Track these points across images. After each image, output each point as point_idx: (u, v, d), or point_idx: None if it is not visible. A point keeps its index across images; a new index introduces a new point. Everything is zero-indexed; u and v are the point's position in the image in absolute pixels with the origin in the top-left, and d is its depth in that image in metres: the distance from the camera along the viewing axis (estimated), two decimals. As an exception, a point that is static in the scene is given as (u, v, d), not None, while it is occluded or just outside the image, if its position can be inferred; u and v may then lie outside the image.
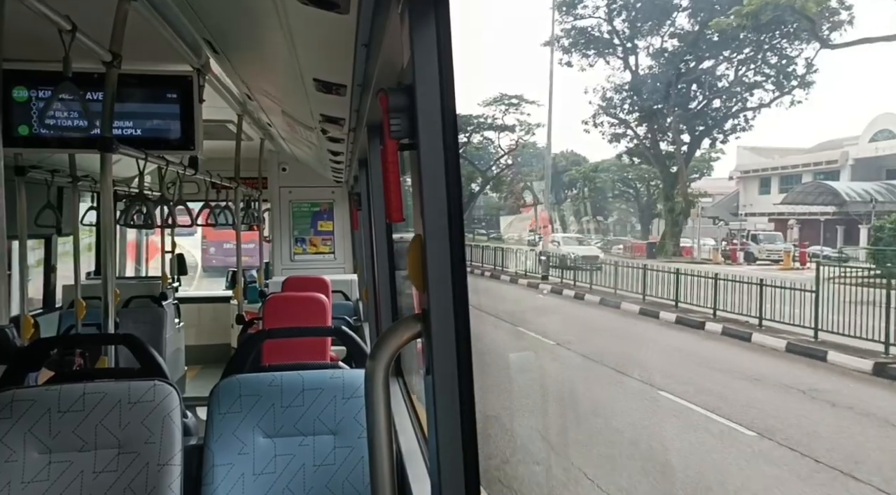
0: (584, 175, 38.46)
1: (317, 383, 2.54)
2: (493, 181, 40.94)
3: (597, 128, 35.21)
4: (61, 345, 3.99)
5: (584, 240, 33.23)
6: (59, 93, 2.70)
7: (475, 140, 40.44)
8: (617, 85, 34.46)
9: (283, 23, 1.82)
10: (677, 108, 32.51)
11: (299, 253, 7.98)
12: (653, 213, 36.79)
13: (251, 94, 3.90)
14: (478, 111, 39.30)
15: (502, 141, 40.53)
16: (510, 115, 39.46)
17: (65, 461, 2.28)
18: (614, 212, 39.67)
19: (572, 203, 39.11)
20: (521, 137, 39.85)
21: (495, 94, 39.32)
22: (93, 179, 5.90)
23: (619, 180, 38.11)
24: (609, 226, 39.10)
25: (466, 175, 38.62)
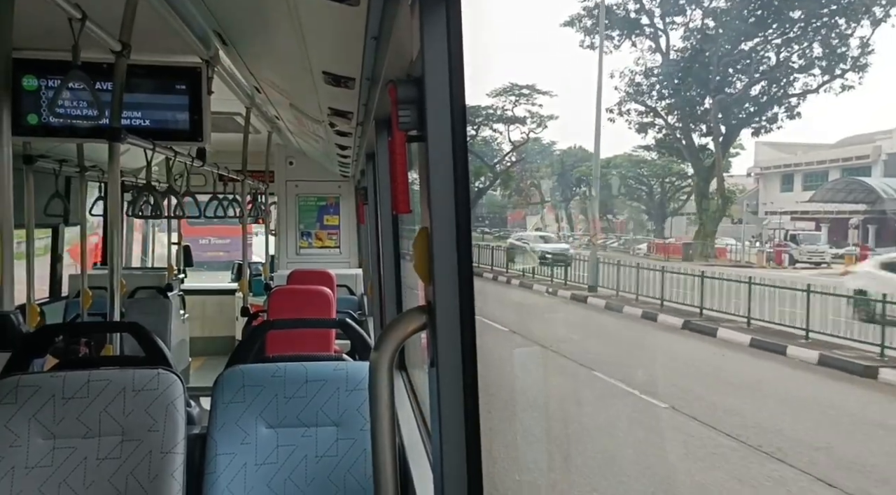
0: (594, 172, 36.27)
1: (320, 374, 2.55)
2: (502, 177, 38.64)
3: (622, 117, 31.81)
4: (67, 332, 4.01)
5: (550, 237, 31.54)
6: (68, 81, 2.71)
7: (484, 133, 38.17)
8: (646, 68, 31.40)
9: (294, 15, 1.82)
10: (713, 93, 29.21)
11: (305, 247, 8.00)
12: (666, 212, 34.71)
13: (260, 87, 3.90)
14: (487, 102, 36.78)
15: (512, 134, 37.87)
16: (521, 106, 36.80)
17: (69, 447, 2.30)
18: (625, 211, 37.81)
19: (581, 201, 37.28)
20: (531, 130, 37.30)
21: (505, 83, 36.65)
22: (100, 170, 5.92)
23: (632, 177, 35.79)
24: (615, 225, 37.14)
25: (474, 170, 36.52)
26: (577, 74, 49.39)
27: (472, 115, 35.05)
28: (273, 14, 2.06)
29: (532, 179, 38.28)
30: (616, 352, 12.71)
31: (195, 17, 2.83)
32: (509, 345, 12.40)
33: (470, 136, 35.70)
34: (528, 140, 37.38)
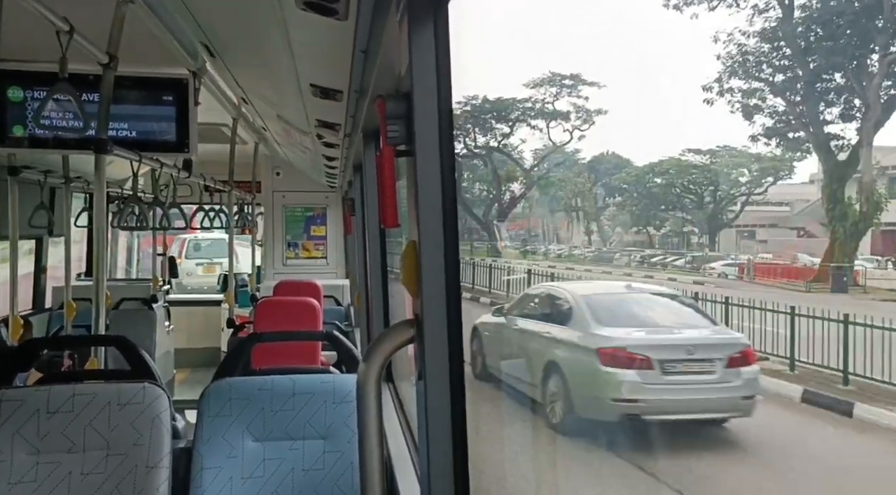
0: (637, 178, 30.77)
1: (308, 387, 2.54)
2: (540, 182, 33.55)
3: (723, 97, 22.43)
4: (51, 345, 3.97)
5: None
6: (54, 93, 2.70)
7: (521, 132, 33.01)
8: (758, 30, 20.97)
9: (282, 28, 1.83)
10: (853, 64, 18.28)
11: (292, 257, 7.97)
12: (719, 223, 28.79)
13: (247, 98, 3.91)
14: (524, 94, 31.77)
15: (553, 131, 32.52)
16: (563, 98, 31.46)
17: (53, 462, 2.27)
18: (666, 223, 31.32)
19: (618, 211, 32.22)
20: (576, 128, 32.21)
21: (544, 73, 31.21)
22: (85, 181, 5.89)
23: (678, 185, 30.06)
24: (652, 239, 31.08)
25: (505, 174, 33.11)
26: (636, 58, 39.55)
27: (503, 109, 32.05)
28: (261, 26, 2.06)
29: (573, 187, 33.44)
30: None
31: (183, 29, 2.83)
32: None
33: (502, 134, 32.73)
34: (570, 138, 32.84)
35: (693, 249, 27.59)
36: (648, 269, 23.13)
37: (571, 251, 29.39)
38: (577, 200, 32.55)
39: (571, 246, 30.65)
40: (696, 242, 28.93)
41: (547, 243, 32.40)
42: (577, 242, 31.55)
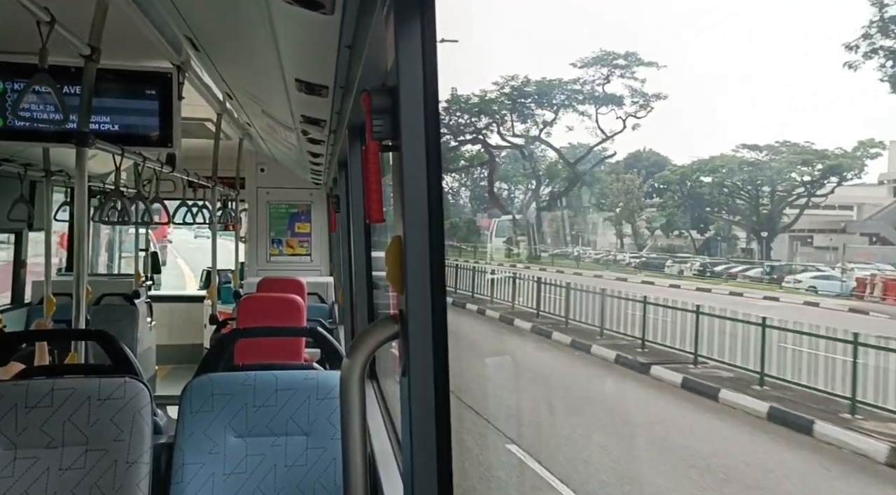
0: (683, 176, 27.04)
1: (291, 383, 2.53)
2: (587, 178, 29.10)
3: (871, 60, 17.97)
4: (30, 338, 3.93)
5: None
6: (33, 84, 2.66)
7: (567, 118, 28.92)
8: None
9: (267, 22, 1.82)
10: None
11: (276, 254, 7.93)
12: (776, 227, 25.22)
13: (231, 93, 3.88)
14: (572, 74, 27.57)
15: (603, 119, 28.38)
16: (617, 80, 27.60)
17: (30, 457, 2.25)
18: (711, 226, 27.90)
19: (659, 213, 28.49)
20: (630, 115, 27.93)
21: (595, 51, 27.32)
22: (67, 174, 5.82)
23: (729, 184, 26.53)
24: (688, 244, 27.58)
25: (546, 168, 29.20)
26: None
27: (547, 92, 28.11)
28: (246, 20, 2.05)
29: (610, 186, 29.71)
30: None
31: (167, 22, 2.80)
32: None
33: (544, 122, 28.68)
34: (624, 128, 28.43)
35: (737, 255, 25.07)
36: (714, 281, 20.29)
37: (609, 256, 26.33)
38: (623, 200, 28.59)
39: (610, 251, 27.51)
40: (744, 247, 26.09)
41: (577, 246, 29.09)
42: (604, 246, 28.72)
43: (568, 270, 24.31)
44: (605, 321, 14.84)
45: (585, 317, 15.58)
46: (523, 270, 23.02)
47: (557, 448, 8.80)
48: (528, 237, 28.80)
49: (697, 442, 9.18)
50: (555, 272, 23.38)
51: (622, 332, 14.43)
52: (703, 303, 13.36)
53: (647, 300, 14.06)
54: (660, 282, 21.69)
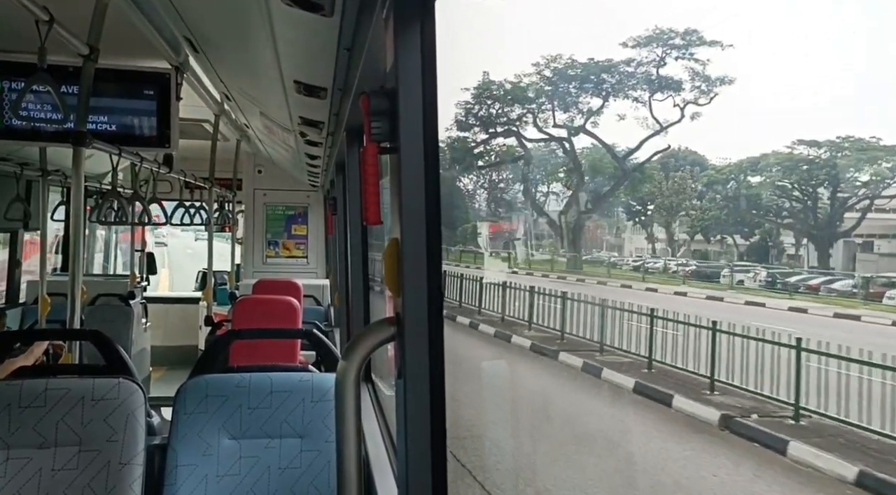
0: (730, 174, 24.12)
1: (286, 385, 2.52)
2: (636, 174, 25.08)
3: None
4: (24, 338, 3.91)
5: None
6: (32, 84, 2.66)
7: (616, 106, 24.36)
8: None
9: (266, 24, 1.82)
10: None
11: (272, 256, 7.93)
12: (836, 232, 21.68)
13: (230, 94, 3.88)
14: (622, 55, 23.51)
15: (658, 107, 23.95)
16: (675, 62, 23.20)
17: (23, 458, 2.24)
18: (755, 231, 24.15)
19: (701, 215, 24.64)
20: (689, 102, 23.49)
21: (650, 28, 22.95)
22: (63, 174, 5.81)
23: (780, 186, 23.18)
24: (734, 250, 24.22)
25: (589, 165, 25.16)
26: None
27: (593, 75, 23.96)
28: (245, 22, 2.05)
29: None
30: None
31: (165, 22, 2.81)
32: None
33: (591, 110, 24.34)
34: (681, 117, 24.32)
35: (785, 262, 21.26)
36: (789, 295, 15.89)
37: (648, 263, 22.58)
38: (675, 201, 25.17)
39: (649, 257, 23.98)
40: (791, 254, 22.68)
41: (617, 252, 25.83)
42: (639, 251, 25.67)
43: (611, 281, 20.02)
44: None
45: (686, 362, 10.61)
46: (562, 283, 18.53)
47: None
48: (565, 241, 25.55)
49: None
50: (595, 284, 19.38)
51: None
52: (828, 338, 9.09)
53: (765, 335, 9.62)
54: (730, 298, 16.78)
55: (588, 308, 13.11)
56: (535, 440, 9.12)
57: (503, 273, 20.67)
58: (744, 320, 10.95)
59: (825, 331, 10.17)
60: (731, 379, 9.74)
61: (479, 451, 8.00)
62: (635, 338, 11.64)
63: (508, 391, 11.25)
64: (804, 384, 8.52)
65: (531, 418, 10.01)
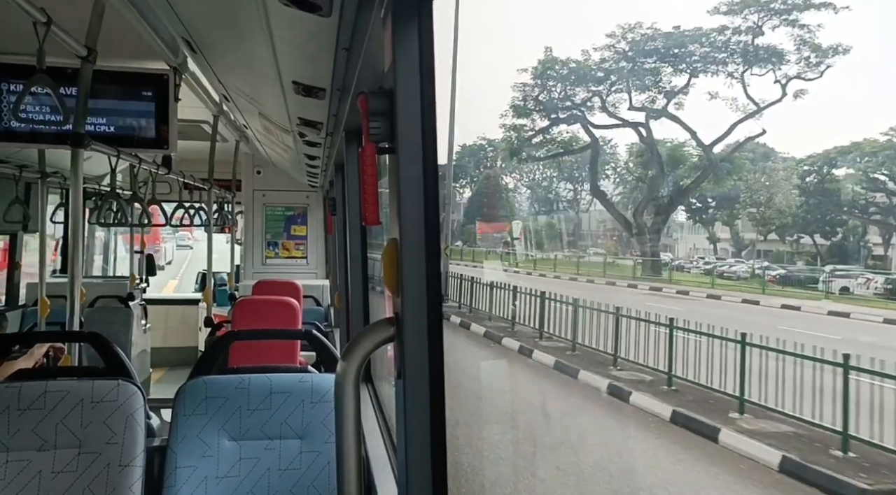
0: (814, 166, 19.95)
1: (285, 386, 2.52)
2: (725, 164, 21.08)
3: None
4: (23, 340, 3.91)
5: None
6: (31, 85, 2.65)
7: (702, 82, 20.35)
8: None
9: (264, 24, 1.82)
10: None
11: (271, 257, 7.93)
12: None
13: (228, 95, 3.87)
14: (711, 23, 19.57)
15: (757, 83, 19.88)
16: (775, 31, 19.02)
17: (23, 460, 2.23)
18: (839, 229, 20.29)
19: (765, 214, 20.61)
20: (799, 75, 19.10)
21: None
22: (62, 176, 5.81)
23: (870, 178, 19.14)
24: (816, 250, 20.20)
25: (667, 153, 21.36)
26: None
27: (678, 47, 20.08)
28: (243, 22, 2.05)
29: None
30: None
31: (163, 23, 2.80)
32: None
33: (673, 89, 20.73)
34: (783, 94, 19.94)
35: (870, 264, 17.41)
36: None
37: (723, 266, 18.58)
38: (765, 196, 21.12)
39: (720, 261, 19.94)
40: (876, 255, 18.93)
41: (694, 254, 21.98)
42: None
43: (696, 291, 15.86)
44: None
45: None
46: (639, 293, 15.15)
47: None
48: (635, 242, 21.94)
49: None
50: (678, 295, 15.29)
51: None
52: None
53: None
54: (860, 314, 12.87)
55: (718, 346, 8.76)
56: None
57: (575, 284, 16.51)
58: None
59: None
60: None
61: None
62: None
63: None
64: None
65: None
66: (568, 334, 11.27)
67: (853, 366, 7.13)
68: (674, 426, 8.12)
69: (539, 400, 9.55)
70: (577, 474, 7.12)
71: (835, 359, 7.35)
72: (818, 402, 7.35)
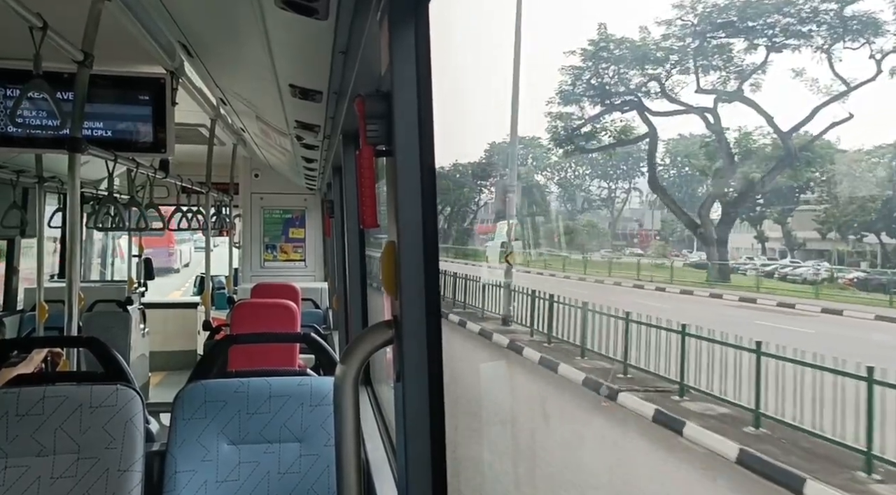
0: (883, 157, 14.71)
1: (284, 390, 2.52)
2: (807, 154, 15.67)
3: None
4: (21, 346, 3.90)
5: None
6: (28, 91, 2.65)
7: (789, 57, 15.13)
8: None
9: (261, 27, 1.82)
10: None
11: (269, 260, 7.92)
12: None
13: (225, 99, 3.87)
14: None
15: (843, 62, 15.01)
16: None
17: (21, 466, 2.23)
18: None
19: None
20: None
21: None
22: (59, 180, 5.80)
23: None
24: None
25: (737, 144, 18.47)
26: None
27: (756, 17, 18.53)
28: (240, 26, 2.05)
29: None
30: None
31: (160, 27, 2.80)
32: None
33: (744, 68, 18.74)
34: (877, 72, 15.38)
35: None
36: None
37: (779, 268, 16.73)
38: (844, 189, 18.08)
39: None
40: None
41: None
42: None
43: (763, 297, 12.05)
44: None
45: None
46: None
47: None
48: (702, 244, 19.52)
49: None
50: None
51: None
52: None
53: None
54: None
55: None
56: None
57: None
58: None
59: None
60: None
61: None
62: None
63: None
64: None
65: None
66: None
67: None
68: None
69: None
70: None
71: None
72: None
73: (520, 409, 8.25)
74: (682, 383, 7.62)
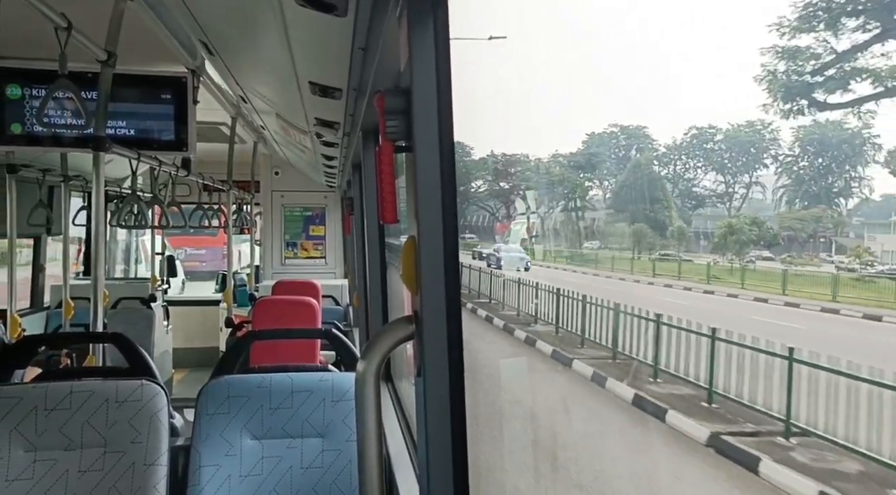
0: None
1: (306, 385, 2.54)
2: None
3: None
4: (49, 342, 3.96)
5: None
6: (55, 90, 2.69)
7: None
8: None
9: (280, 25, 1.83)
10: None
11: (290, 257, 7.98)
12: None
13: (246, 97, 3.90)
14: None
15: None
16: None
17: (50, 460, 2.27)
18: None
19: None
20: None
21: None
22: (84, 179, 5.88)
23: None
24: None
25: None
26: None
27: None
28: (260, 24, 2.06)
29: None
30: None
31: (181, 26, 2.83)
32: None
33: (828, 52, 12.31)
34: None
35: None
36: None
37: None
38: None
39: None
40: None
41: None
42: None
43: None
44: None
45: None
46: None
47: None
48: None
49: None
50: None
51: None
52: None
53: None
54: None
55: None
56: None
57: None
58: None
59: None
60: None
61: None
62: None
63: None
64: None
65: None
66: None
67: None
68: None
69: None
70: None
71: None
72: None
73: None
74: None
